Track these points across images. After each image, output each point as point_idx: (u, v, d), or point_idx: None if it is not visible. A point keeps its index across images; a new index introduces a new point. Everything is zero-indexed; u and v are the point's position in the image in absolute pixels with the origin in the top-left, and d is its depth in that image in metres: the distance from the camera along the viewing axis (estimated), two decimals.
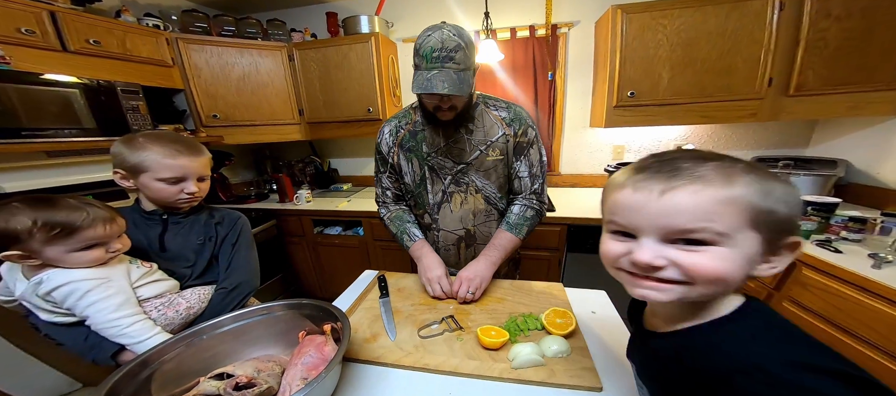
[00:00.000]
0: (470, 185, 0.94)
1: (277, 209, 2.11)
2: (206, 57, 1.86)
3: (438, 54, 0.75)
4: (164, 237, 0.83)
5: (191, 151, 0.81)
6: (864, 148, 1.44)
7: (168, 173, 0.77)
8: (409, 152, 0.95)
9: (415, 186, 0.97)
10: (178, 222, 0.85)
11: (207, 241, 0.87)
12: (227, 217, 0.92)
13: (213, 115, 1.93)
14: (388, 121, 0.99)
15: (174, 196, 0.80)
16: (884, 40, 1.25)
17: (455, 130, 0.91)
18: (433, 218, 0.98)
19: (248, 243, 0.93)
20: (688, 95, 1.52)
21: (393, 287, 0.97)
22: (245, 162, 2.59)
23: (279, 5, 2.32)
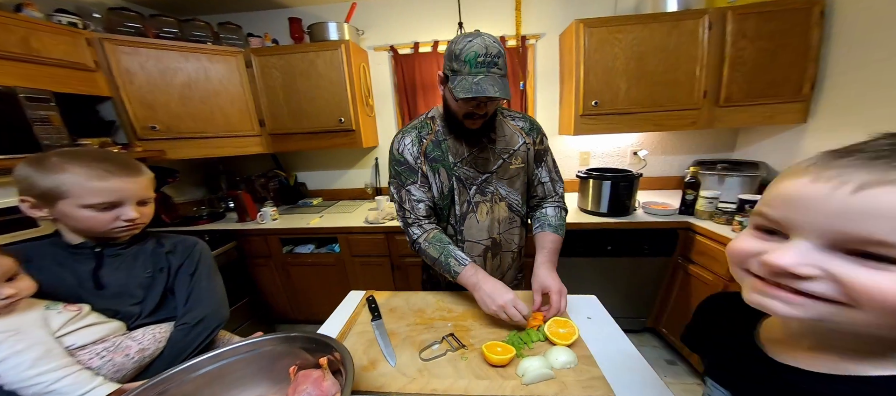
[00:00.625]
0: (494, 194, 0.93)
1: (238, 230, 1.90)
2: (140, 61, 1.62)
3: (484, 60, 0.75)
4: (99, 273, 0.70)
5: (125, 170, 0.69)
6: (778, 151, 1.74)
7: (97, 198, 0.66)
8: (434, 162, 0.90)
9: (441, 198, 0.93)
10: (117, 254, 0.73)
11: (158, 273, 0.76)
12: (180, 245, 0.81)
13: (150, 126, 1.67)
14: (404, 130, 0.93)
15: (107, 225, 0.68)
16: (786, 60, 1.53)
17: (479, 139, 0.91)
18: (457, 230, 0.94)
19: (210, 271, 0.82)
20: (642, 104, 1.70)
21: (383, 308, 0.93)
22: (193, 179, 2.29)
23: (234, 8, 2.13)
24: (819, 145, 1.54)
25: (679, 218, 1.54)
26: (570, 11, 1.94)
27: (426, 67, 2.13)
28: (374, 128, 2.29)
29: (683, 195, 1.55)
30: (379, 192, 2.43)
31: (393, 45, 2.14)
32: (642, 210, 1.67)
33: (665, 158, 2.12)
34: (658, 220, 1.56)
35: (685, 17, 1.57)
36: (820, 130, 1.54)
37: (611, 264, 1.68)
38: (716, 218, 1.43)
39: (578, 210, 1.78)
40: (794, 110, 1.58)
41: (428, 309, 0.92)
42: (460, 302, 0.94)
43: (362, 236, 1.84)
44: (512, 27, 2.03)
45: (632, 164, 2.13)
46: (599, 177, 1.64)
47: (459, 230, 0.94)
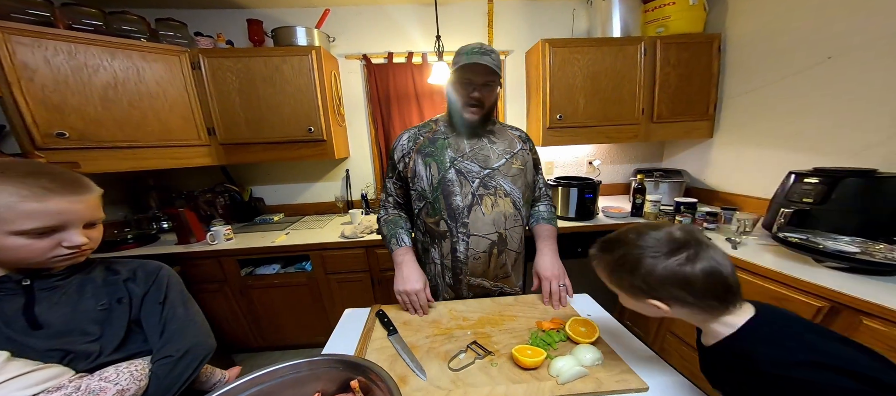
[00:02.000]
0: (498, 188, 0.96)
1: (180, 254, 1.62)
2: (45, 55, 1.33)
3: (479, 49, 0.89)
4: (32, 311, 0.59)
5: (68, 187, 0.59)
6: (694, 161, 2.16)
7: (32, 222, 0.55)
8: (428, 156, 0.97)
9: (432, 190, 0.96)
10: (53, 287, 0.62)
11: (116, 304, 0.66)
12: (140, 270, 0.71)
13: (57, 133, 1.36)
14: (406, 132, 1.03)
15: (45, 254, 0.58)
16: (697, 84, 1.92)
17: (478, 138, 0.99)
18: (461, 223, 0.94)
19: (184, 299, 0.74)
20: (597, 118, 1.95)
21: (396, 321, 0.90)
22: (112, 196, 1.89)
23: (179, 3, 1.88)
24: (723, 156, 1.96)
25: (632, 220, 1.80)
26: (535, 31, 2.15)
27: (400, 77, 2.13)
28: (346, 137, 2.19)
29: (633, 200, 1.82)
30: (351, 205, 2.31)
31: (365, 54, 2.10)
32: (602, 214, 1.89)
33: (613, 167, 2.44)
34: (617, 221, 1.79)
35: (627, 42, 1.86)
36: (723, 144, 1.96)
37: (579, 264, 1.85)
38: (660, 218, 1.70)
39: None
40: (703, 127, 1.99)
41: (442, 320, 0.91)
42: (472, 310, 0.94)
43: (339, 251, 1.72)
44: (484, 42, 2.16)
45: (588, 172, 2.40)
46: (567, 185, 1.82)
47: (465, 223, 0.94)
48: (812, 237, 1.15)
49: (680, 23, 1.85)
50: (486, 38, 2.16)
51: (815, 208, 1.20)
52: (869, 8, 1.25)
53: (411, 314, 0.94)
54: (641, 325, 1.78)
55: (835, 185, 1.17)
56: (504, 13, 2.15)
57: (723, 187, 1.97)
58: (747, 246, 1.32)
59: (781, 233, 1.19)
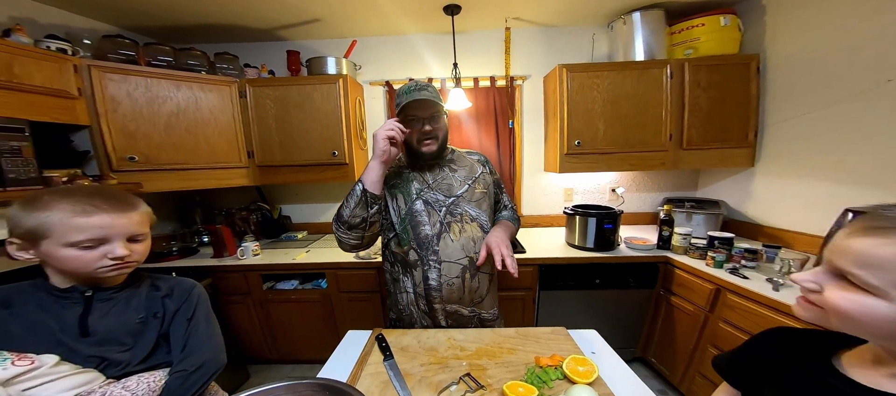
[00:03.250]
0: (464, 214, 1.00)
1: (212, 266, 1.77)
2: (128, 89, 1.57)
3: (416, 86, 0.95)
4: (87, 319, 0.66)
5: (114, 204, 0.67)
6: (733, 191, 1.97)
7: (80, 235, 0.62)
8: (393, 188, 1.01)
9: (400, 221, 0.98)
10: (108, 299, 0.69)
11: (152, 318, 0.72)
12: (177, 288, 0.78)
13: (128, 157, 1.58)
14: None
15: (93, 264, 0.64)
16: (732, 108, 1.78)
17: (440, 169, 1.03)
18: (431, 251, 0.97)
19: (208, 316, 0.79)
20: (618, 145, 1.87)
21: (394, 347, 0.90)
22: (164, 212, 2.14)
23: (234, 38, 2.16)
24: (767, 188, 1.77)
25: (658, 253, 1.66)
26: (553, 56, 2.16)
27: None
28: (367, 161, 2.30)
29: (660, 231, 1.69)
30: None
31: (388, 81, 2.24)
32: (624, 245, 1.78)
33: (639, 195, 2.30)
34: (639, 254, 1.67)
35: (651, 66, 1.80)
36: (766, 174, 1.77)
37: (599, 296, 1.74)
38: (690, 253, 1.56)
39: (566, 245, 1.86)
40: (743, 155, 1.82)
41: (440, 348, 0.90)
42: (470, 340, 0.93)
43: (352, 271, 1.78)
44: (501, 68, 2.21)
45: (611, 200, 2.29)
46: (585, 214, 1.74)
47: (435, 251, 0.97)
48: None
49: (711, 44, 1.76)
50: (503, 65, 2.20)
51: None
52: None
53: (398, 137, 0.91)
54: (668, 363, 1.61)
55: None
56: (521, 39, 2.19)
57: (767, 220, 1.77)
58: (793, 288, 1.17)
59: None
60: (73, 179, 1.31)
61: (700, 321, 1.41)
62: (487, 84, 2.21)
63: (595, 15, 1.99)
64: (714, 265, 1.39)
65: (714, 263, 1.39)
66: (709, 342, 1.39)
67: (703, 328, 1.41)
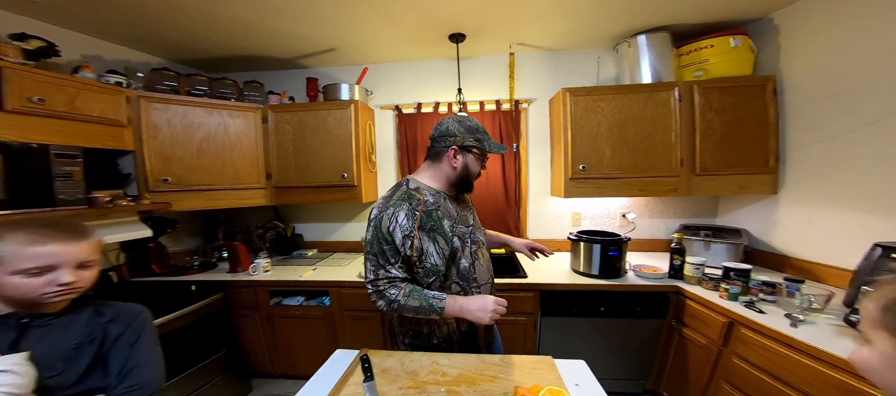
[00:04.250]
0: (480, 241, 1.10)
1: (226, 281, 1.88)
2: (168, 116, 1.77)
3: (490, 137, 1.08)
4: (18, 345, 0.67)
5: (65, 234, 0.70)
6: (756, 220, 1.82)
7: (29, 263, 0.65)
8: (431, 231, 0.96)
9: (444, 263, 0.97)
10: (44, 325, 0.70)
11: (87, 344, 0.73)
12: (122, 314, 0.79)
13: (162, 179, 1.74)
14: (393, 205, 0.95)
15: (39, 290, 0.67)
16: (750, 132, 1.68)
17: (458, 202, 1.10)
18: (470, 279, 1.03)
19: (152, 341, 0.82)
20: (625, 170, 1.82)
21: (376, 368, 0.91)
22: (192, 228, 2.32)
23: (262, 67, 2.37)
24: (793, 217, 1.63)
25: (668, 282, 1.56)
26: (559, 80, 2.17)
27: (428, 126, 2.31)
28: (375, 183, 2.39)
29: (671, 260, 1.59)
30: None
31: (398, 105, 2.35)
32: (633, 273, 1.69)
33: (652, 221, 2.20)
34: (648, 283, 1.58)
35: (658, 88, 1.76)
36: (790, 201, 1.64)
37: (605, 324, 1.65)
38: (704, 284, 1.45)
39: (571, 271, 1.80)
40: (765, 182, 1.70)
41: (422, 372, 0.90)
42: (455, 365, 0.92)
43: (354, 290, 1.82)
44: (505, 92, 2.25)
45: (621, 226, 2.20)
46: (589, 240, 1.69)
47: (474, 278, 1.03)
48: None
49: (722, 66, 1.70)
50: (508, 89, 2.24)
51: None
52: None
53: (502, 315, 0.94)
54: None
55: None
56: (527, 63, 2.23)
57: (794, 251, 1.62)
58: (814, 326, 1.07)
59: (854, 317, 0.94)
60: (115, 199, 1.47)
61: (713, 355, 1.30)
62: (493, 108, 2.26)
63: (600, 38, 2.00)
64: (728, 297, 1.29)
65: (728, 295, 1.29)
66: (723, 377, 1.27)
67: (716, 362, 1.29)
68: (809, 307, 1.11)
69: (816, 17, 1.47)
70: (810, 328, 1.06)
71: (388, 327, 1.14)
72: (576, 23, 1.80)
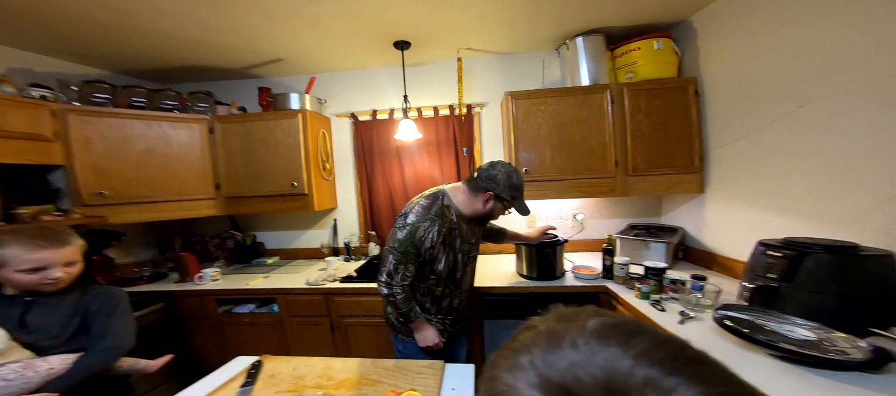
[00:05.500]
0: (474, 258, 1.36)
1: (171, 291, 1.88)
2: (101, 129, 1.75)
3: (522, 185, 1.27)
4: (25, 317, 0.96)
5: (53, 243, 0.96)
6: (691, 218, 1.87)
7: (27, 265, 0.92)
8: (447, 246, 1.21)
9: (446, 271, 1.23)
10: (43, 303, 0.99)
11: (75, 316, 1.01)
12: (102, 293, 1.07)
13: (98, 193, 1.73)
14: (430, 221, 1.17)
15: (35, 283, 0.95)
16: (676, 133, 1.72)
17: (468, 224, 1.29)
18: (457, 286, 1.29)
19: (123, 311, 1.08)
20: (565, 172, 1.85)
21: (266, 373, 0.96)
22: (145, 240, 2.32)
23: (213, 77, 2.37)
24: (717, 215, 1.68)
25: (599, 283, 1.60)
26: (509, 83, 2.20)
27: (383, 134, 2.33)
28: (331, 191, 2.40)
29: (603, 261, 1.63)
30: (336, 252, 2.46)
31: (354, 113, 2.36)
32: (571, 274, 1.73)
33: (603, 221, 2.24)
34: (581, 284, 1.62)
35: (592, 91, 1.79)
36: (715, 200, 1.69)
37: None
38: (627, 284, 1.49)
39: (516, 274, 1.84)
40: (691, 181, 1.74)
41: (309, 376, 0.94)
42: (347, 370, 0.96)
43: (301, 296, 1.84)
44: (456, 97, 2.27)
45: (573, 227, 2.24)
46: (528, 243, 1.72)
47: (458, 284, 1.29)
48: (758, 320, 0.94)
49: (648, 68, 1.74)
50: (457, 94, 2.27)
51: (781, 286, 0.98)
52: (848, 41, 1.05)
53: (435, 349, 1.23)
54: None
55: (800, 261, 0.95)
56: (478, 68, 2.26)
57: (719, 249, 1.67)
58: (700, 322, 1.11)
59: (719, 313, 0.99)
60: (40, 215, 1.47)
61: None
62: (447, 113, 2.28)
63: (542, 41, 2.03)
64: (640, 296, 1.33)
65: (640, 294, 1.33)
66: None
67: None
68: (697, 303, 1.15)
69: (724, 20, 1.52)
70: (697, 325, 1.09)
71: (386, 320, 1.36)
72: (514, 28, 1.84)
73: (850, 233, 1.04)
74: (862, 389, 0.74)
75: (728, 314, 0.99)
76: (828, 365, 0.80)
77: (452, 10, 1.61)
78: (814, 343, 0.86)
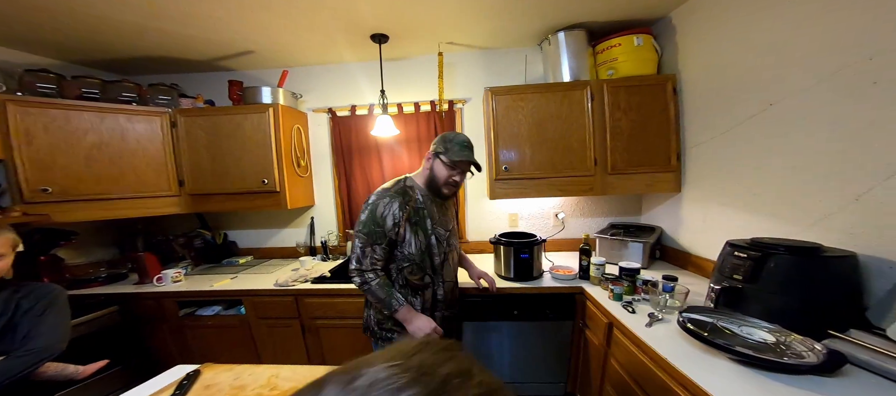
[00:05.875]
0: (454, 245, 1.30)
1: (126, 293, 1.76)
2: (45, 122, 1.61)
3: (468, 145, 1.19)
4: None
5: None
6: (668, 218, 1.86)
7: None
8: (416, 225, 1.16)
9: (419, 254, 1.17)
10: None
11: (2, 315, 0.95)
12: (36, 291, 1.02)
13: (41, 189, 1.60)
14: (390, 195, 1.14)
15: None
16: (654, 131, 1.70)
17: (441, 208, 1.26)
18: (437, 274, 1.22)
19: (58, 312, 1.03)
20: (545, 170, 1.81)
21: (200, 384, 0.90)
22: (102, 239, 2.18)
23: (178, 69, 2.22)
24: (693, 215, 1.68)
25: (575, 284, 1.58)
26: (491, 79, 2.14)
27: (363, 129, 2.24)
28: (307, 188, 2.30)
29: (580, 261, 1.61)
30: (313, 251, 2.37)
31: (331, 108, 2.26)
32: (549, 274, 1.70)
33: (584, 220, 2.22)
34: (556, 285, 1.59)
35: (572, 87, 1.75)
36: (691, 200, 1.68)
37: (519, 327, 1.65)
38: (602, 285, 1.47)
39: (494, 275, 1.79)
40: (669, 180, 1.73)
41: (251, 386, 0.88)
42: (294, 378, 0.91)
43: (270, 298, 1.76)
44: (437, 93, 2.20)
45: (555, 226, 2.22)
46: (507, 243, 1.68)
47: (440, 274, 1.23)
48: (720, 322, 0.94)
49: (628, 65, 1.71)
50: (437, 88, 2.20)
51: (746, 286, 0.98)
52: (813, 38, 1.03)
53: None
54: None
55: (764, 261, 0.94)
56: (460, 63, 2.20)
57: (694, 249, 1.66)
58: (667, 324, 1.09)
59: (683, 316, 0.97)
60: None
61: (602, 357, 1.32)
62: (428, 109, 2.21)
63: (526, 36, 1.98)
64: (613, 297, 1.31)
65: (613, 295, 1.31)
66: (607, 380, 1.29)
67: (603, 364, 1.31)
68: (665, 305, 1.13)
69: (701, 16, 1.50)
70: (660, 327, 1.07)
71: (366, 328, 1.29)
72: (494, 21, 1.77)
73: (817, 233, 1.04)
74: (815, 393, 0.73)
75: (691, 317, 0.97)
76: (783, 369, 0.79)
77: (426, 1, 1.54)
78: (771, 347, 0.85)
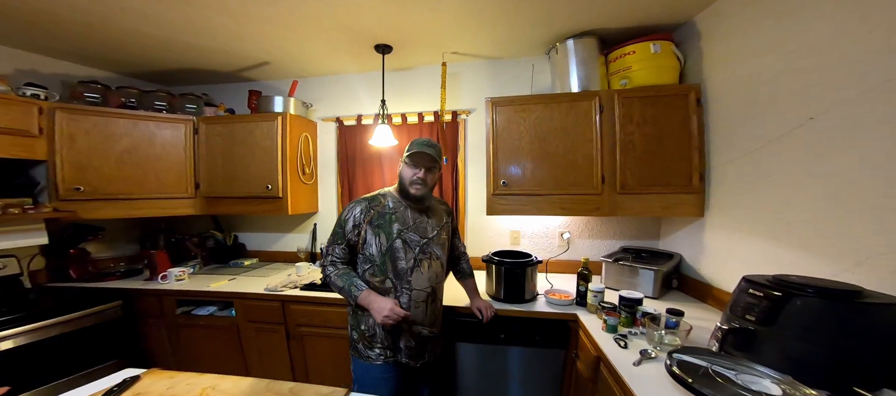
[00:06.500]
0: (432, 254, 1.22)
1: (129, 289, 1.86)
2: (87, 127, 1.80)
3: (426, 142, 1.19)
4: None
5: None
6: (689, 245, 1.62)
7: None
8: (377, 228, 1.17)
9: (380, 256, 1.16)
10: None
11: None
12: None
13: (75, 188, 1.77)
14: (359, 201, 1.21)
15: None
16: (673, 147, 1.51)
17: (419, 214, 1.23)
18: (405, 281, 1.17)
19: None
20: (547, 186, 1.68)
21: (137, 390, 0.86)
22: (128, 236, 2.37)
23: (208, 80, 2.44)
24: (716, 242, 1.43)
25: (569, 310, 1.40)
26: (497, 89, 2.08)
27: (367, 138, 2.25)
28: (311, 195, 2.36)
29: (577, 286, 1.44)
30: (313, 258, 2.39)
31: (339, 117, 2.33)
32: (544, 298, 1.54)
33: (592, 241, 2.02)
34: (554, 310, 1.42)
35: (580, 98, 1.62)
36: (715, 226, 1.44)
37: (504, 353, 1.49)
38: (598, 313, 1.29)
39: (485, 295, 1.66)
40: (690, 202, 1.51)
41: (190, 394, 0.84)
42: (237, 391, 0.86)
43: (258, 302, 1.77)
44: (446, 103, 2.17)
45: (559, 246, 2.05)
46: (499, 263, 1.56)
47: (408, 281, 1.18)
48: (715, 366, 0.76)
49: (643, 74, 1.56)
50: (440, 98, 2.17)
51: (759, 329, 0.79)
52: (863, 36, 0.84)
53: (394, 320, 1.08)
54: None
55: (784, 302, 0.75)
56: (465, 73, 2.17)
57: (716, 281, 1.41)
58: (658, 363, 0.91)
59: (675, 356, 0.79)
60: (7, 208, 1.51)
61: (590, 393, 1.13)
62: (432, 119, 2.20)
63: (533, 44, 1.90)
64: (607, 329, 1.13)
65: (606, 327, 1.13)
66: None
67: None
68: (660, 341, 0.94)
69: (729, 19, 1.32)
70: (650, 366, 0.89)
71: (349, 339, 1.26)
72: (497, 30, 1.73)
73: (860, 275, 0.82)
74: None
75: (682, 358, 0.79)
76: None
77: (423, 9, 1.53)
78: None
